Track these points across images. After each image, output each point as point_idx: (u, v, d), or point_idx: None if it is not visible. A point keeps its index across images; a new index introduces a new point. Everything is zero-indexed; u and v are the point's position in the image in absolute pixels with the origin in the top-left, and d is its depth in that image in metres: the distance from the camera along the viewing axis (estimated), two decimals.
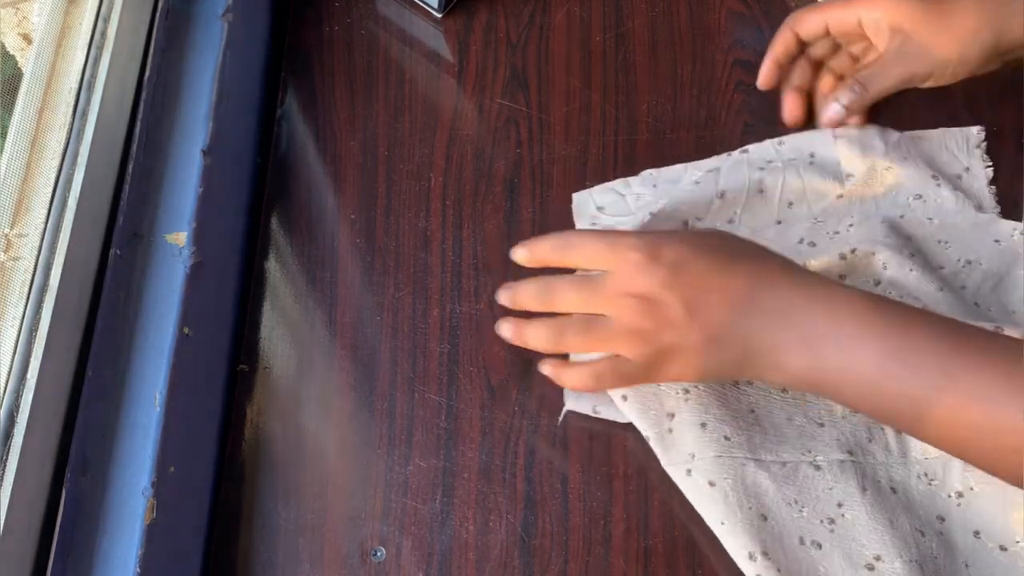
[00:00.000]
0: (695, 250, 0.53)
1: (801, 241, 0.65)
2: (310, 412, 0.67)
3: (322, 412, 0.66)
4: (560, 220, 0.70)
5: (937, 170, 0.67)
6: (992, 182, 0.67)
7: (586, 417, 0.63)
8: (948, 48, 0.60)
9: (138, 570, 0.56)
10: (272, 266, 0.72)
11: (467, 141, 0.75)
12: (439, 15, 0.80)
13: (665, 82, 0.75)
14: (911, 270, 0.62)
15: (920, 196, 0.66)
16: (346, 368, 0.67)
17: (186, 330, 0.63)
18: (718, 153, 0.71)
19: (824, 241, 0.65)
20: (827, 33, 0.67)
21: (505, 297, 0.58)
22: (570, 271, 0.58)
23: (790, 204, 0.67)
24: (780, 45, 0.68)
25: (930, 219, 0.65)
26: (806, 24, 0.66)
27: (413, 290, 0.69)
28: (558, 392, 0.64)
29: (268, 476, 0.64)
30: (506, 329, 0.58)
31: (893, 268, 0.63)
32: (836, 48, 0.70)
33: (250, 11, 0.79)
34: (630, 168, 0.72)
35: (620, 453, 0.62)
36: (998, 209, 0.66)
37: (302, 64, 0.80)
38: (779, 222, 0.67)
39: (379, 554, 0.61)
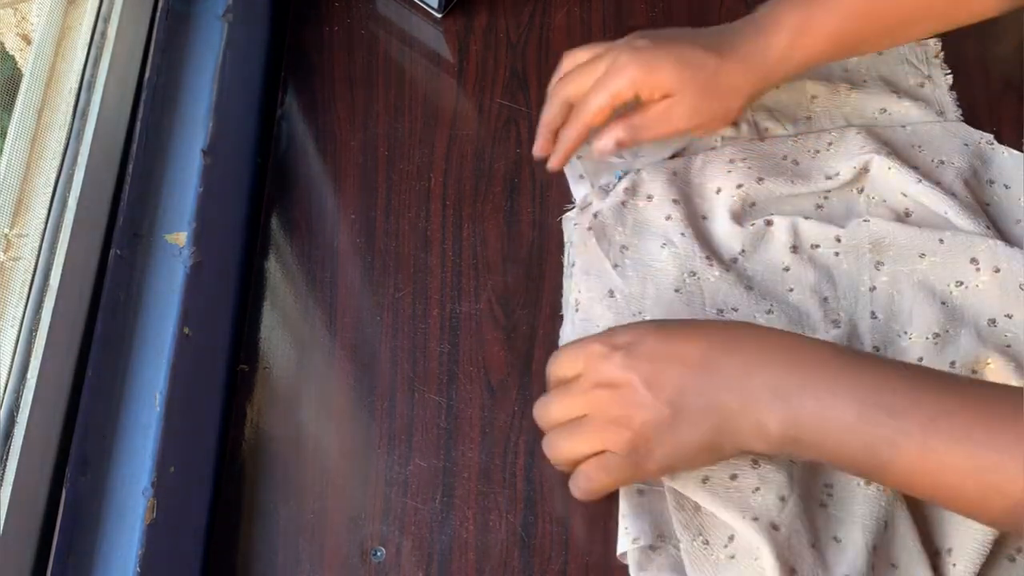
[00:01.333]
0: (647, 329, 0.54)
1: (785, 158, 0.70)
2: (310, 412, 0.67)
3: (322, 412, 0.66)
4: (560, 220, 0.70)
5: (896, 85, 0.72)
6: (952, 88, 0.71)
7: None
8: (714, 107, 0.64)
9: (138, 570, 0.56)
10: (272, 266, 0.72)
11: (467, 141, 0.75)
12: (439, 15, 0.80)
13: None
14: (889, 168, 0.67)
15: (885, 110, 0.71)
16: (346, 368, 0.67)
17: (186, 330, 0.63)
18: None
19: (806, 159, 0.70)
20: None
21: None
22: None
23: (766, 129, 0.71)
24: (555, 115, 0.67)
25: (903, 127, 0.70)
26: (591, 106, 0.65)
27: (413, 290, 0.69)
28: None
29: (268, 476, 0.64)
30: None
31: (873, 169, 0.68)
32: None
33: (250, 11, 0.79)
34: None
35: None
36: (959, 112, 0.70)
37: (302, 64, 0.80)
38: (762, 140, 0.71)
39: (379, 554, 0.61)
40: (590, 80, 0.65)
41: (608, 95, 0.64)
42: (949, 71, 0.72)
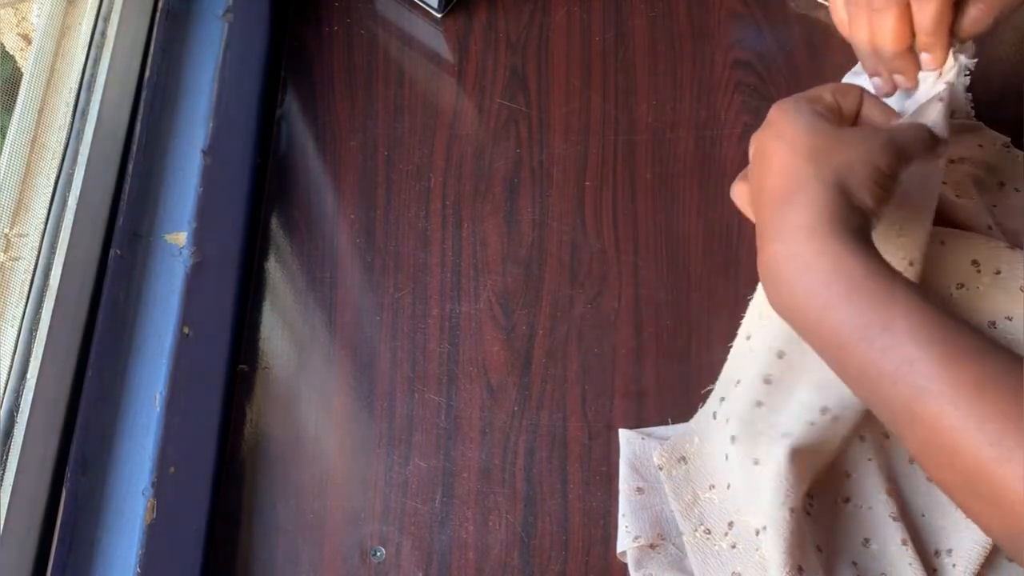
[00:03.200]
0: (790, 144, 0.53)
1: None
2: (310, 412, 0.67)
3: (322, 412, 0.66)
4: (560, 220, 0.70)
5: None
6: (969, 89, 0.68)
7: (585, 417, 0.63)
8: None
9: (138, 570, 0.56)
10: (272, 266, 0.72)
11: (467, 141, 0.75)
12: (439, 15, 0.80)
13: (665, 82, 0.75)
14: None
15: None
16: (346, 368, 0.67)
17: (186, 330, 0.63)
18: (716, 149, 0.71)
19: None
20: None
21: None
22: None
23: None
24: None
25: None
26: None
27: (413, 290, 0.69)
28: (558, 392, 0.64)
29: (268, 476, 0.64)
30: None
31: None
32: None
33: (250, 11, 0.79)
34: (630, 168, 0.72)
35: (619, 453, 0.62)
36: (973, 115, 0.68)
37: (302, 64, 0.80)
38: None
39: (379, 554, 0.61)
40: None
41: None
42: (968, 73, 0.71)
